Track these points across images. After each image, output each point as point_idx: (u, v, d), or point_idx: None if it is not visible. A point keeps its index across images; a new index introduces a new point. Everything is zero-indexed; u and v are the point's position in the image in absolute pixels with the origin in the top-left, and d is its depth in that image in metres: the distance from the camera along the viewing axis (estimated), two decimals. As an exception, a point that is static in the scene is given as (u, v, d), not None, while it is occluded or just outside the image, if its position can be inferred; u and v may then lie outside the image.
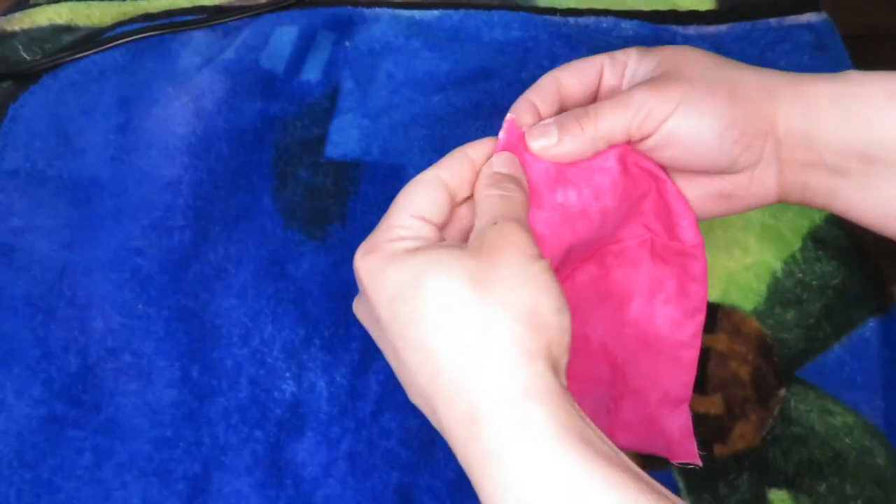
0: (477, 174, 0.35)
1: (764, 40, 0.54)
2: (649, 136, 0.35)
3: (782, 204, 0.48)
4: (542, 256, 0.31)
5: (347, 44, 0.54)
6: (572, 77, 0.38)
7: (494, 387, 0.28)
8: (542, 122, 0.36)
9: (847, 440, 0.43)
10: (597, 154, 0.37)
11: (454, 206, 0.35)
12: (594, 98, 0.39)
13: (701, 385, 0.45)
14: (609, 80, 0.38)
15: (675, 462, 0.41)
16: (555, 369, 0.29)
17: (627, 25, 0.55)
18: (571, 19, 0.55)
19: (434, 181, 0.34)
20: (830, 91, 0.35)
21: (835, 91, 0.34)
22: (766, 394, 0.45)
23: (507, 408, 0.28)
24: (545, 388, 0.28)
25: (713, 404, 0.44)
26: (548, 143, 0.35)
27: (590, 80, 0.38)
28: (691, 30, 0.55)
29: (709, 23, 0.55)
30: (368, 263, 0.32)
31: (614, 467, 0.27)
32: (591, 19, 0.55)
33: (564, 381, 0.30)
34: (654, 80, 0.35)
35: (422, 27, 0.55)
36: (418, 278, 0.30)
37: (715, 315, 0.46)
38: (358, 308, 0.35)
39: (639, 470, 0.28)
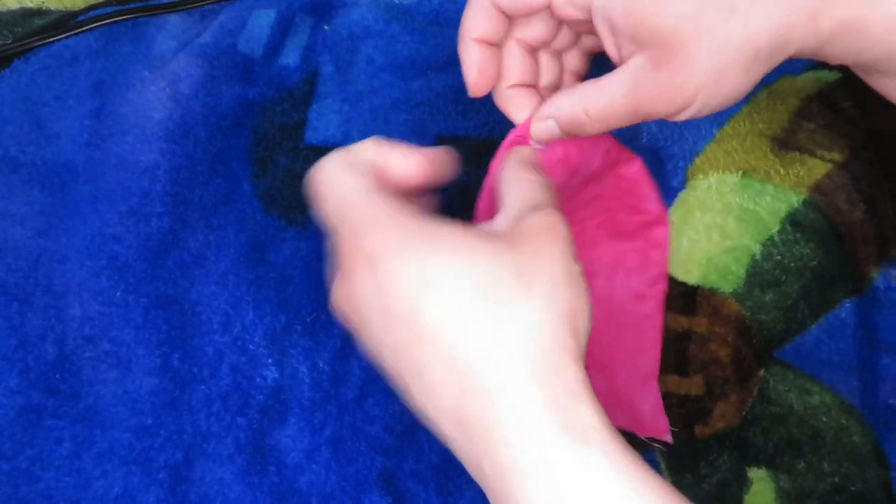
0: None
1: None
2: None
3: (759, 188, 0.49)
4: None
5: (326, 27, 0.53)
6: None
7: (541, 390, 0.26)
8: (540, 116, 0.34)
9: (825, 419, 0.44)
10: (587, 153, 0.36)
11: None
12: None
13: (682, 367, 0.45)
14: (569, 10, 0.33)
15: (642, 437, 0.42)
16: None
17: (606, 10, 0.55)
18: (551, 4, 0.55)
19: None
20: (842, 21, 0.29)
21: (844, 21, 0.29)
22: (745, 374, 0.45)
23: (559, 411, 0.26)
24: (588, 392, 0.26)
25: (694, 385, 0.45)
26: (554, 133, 0.34)
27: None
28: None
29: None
30: (384, 239, 0.28)
31: (657, 478, 0.26)
32: (571, 4, 0.55)
33: None
34: (659, 80, 0.30)
35: (402, 11, 0.54)
36: (452, 268, 0.27)
37: (695, 297, 0.47)
38: (348, 295, 0.30)
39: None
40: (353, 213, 0.29)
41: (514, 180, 0.31)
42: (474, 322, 0.26)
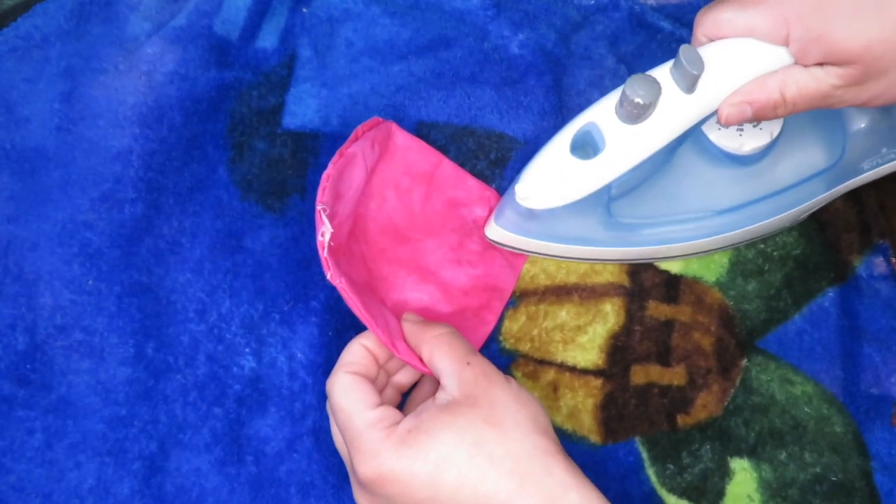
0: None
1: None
2: None
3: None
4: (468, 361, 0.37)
5: (305, 10, 0.52)
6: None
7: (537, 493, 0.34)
8: (734, 102, 0.38)
9: (806, 409, 0.44)
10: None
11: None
12: None
13: (664, 356, 0.45)
14: None
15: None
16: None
17: (590, -6, 0.54)
18: (533, -13, 0.54)
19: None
20: None
21: None
22: (728, 364, 0.45)
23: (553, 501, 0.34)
24: (576, 479, 0.34)
25: (676, 375, 0.45)
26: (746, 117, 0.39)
27: None
28: (654, -1, 0.55)
29: (671, -8, 0.55)
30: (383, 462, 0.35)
31: None
32: (554, -13, 0.54)
33: None
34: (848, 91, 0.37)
35: (381, -7, 0.53)
36: (448, 446, 0.35)
37: (678, 286, 0.46)
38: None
39: None
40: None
41: (430, 341, 0.38)
42: (477, 470, 0.34)
